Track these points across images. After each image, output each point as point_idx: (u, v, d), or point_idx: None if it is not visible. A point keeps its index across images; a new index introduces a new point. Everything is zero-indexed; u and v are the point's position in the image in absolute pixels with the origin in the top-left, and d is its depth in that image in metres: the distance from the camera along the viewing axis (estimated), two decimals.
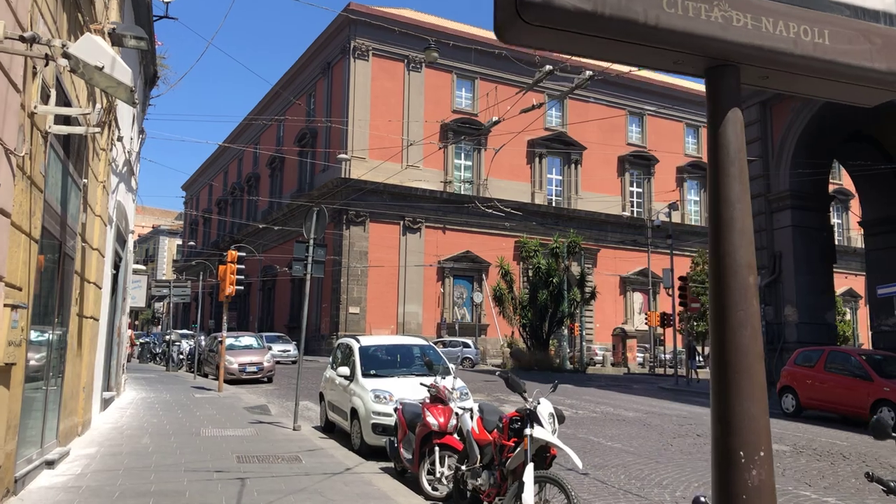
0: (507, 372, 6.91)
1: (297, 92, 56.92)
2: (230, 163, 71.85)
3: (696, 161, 57.56)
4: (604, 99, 55.19)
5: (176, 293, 24.31)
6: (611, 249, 52.99)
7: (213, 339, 23.77)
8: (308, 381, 23.22)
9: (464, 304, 50.14)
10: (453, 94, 50.68)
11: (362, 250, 47.17)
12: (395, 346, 11.95)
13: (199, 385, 20.09)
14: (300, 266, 12.25)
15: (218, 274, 18.21)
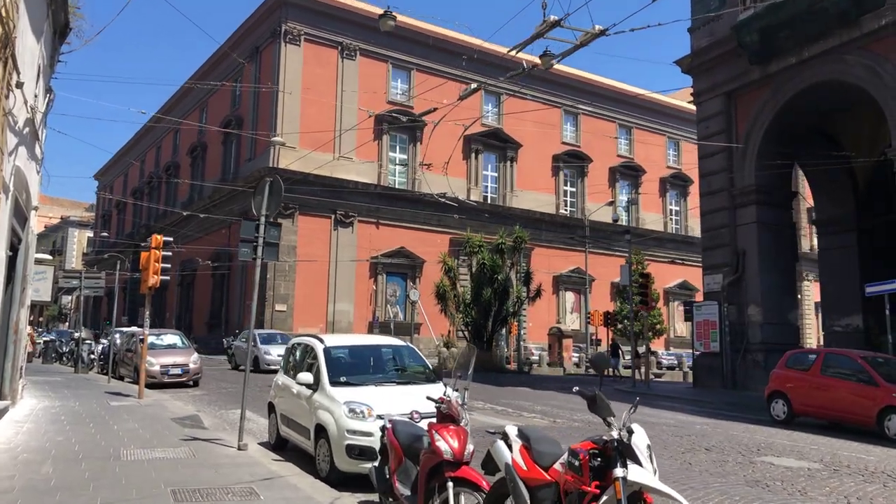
0: (592, 389, 5.00)
1: (223, 76, 53.53)
2: (147, 150, 67.39)
3: (628, 162, 57.22)
4: (540, 96, 54.05)
5: (88, 286, 21.33)
6: (544, 248, 51.92)
7: (131, 336, 20.97)
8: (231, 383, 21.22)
9: (397, 303, 48.07)
10: (388, 85, 48.50)
11: (290, 244, 44.40)
12: (367, 346, 9.82)
13: (115, 390, 17.34)
14: (248, 249, 9.98)
15: (139, 262, 15.60)
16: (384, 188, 47.42)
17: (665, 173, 58.72)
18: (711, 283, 21.72)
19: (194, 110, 57.93)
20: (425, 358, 9.32)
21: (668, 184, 58.94)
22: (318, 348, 9.16)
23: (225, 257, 47.26)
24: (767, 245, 20.86)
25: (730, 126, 21.72)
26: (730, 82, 21.75)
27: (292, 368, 9.98)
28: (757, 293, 20.58)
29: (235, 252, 46.81)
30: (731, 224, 21.43)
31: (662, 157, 59.06)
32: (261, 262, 10.15)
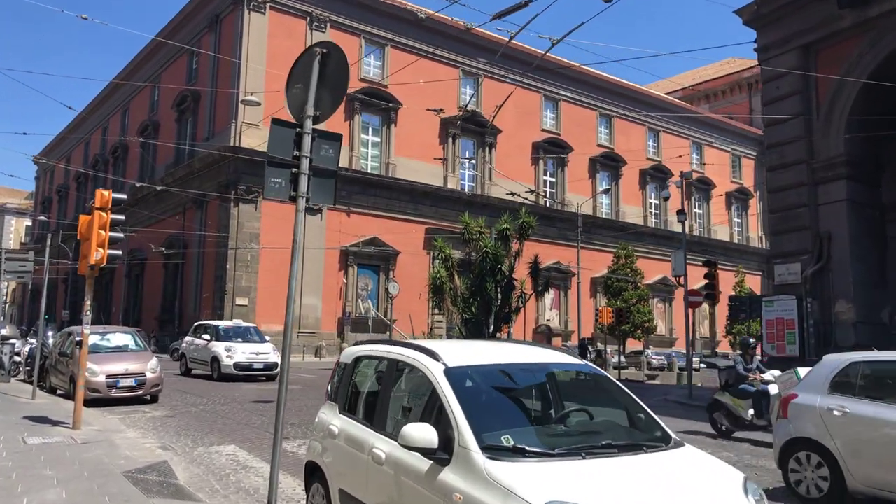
0: None
1: (178, 49, 47.67)
2: (93, 132, 60.66)
3: (608, 152, 53.46)
4: (520, 80, 49.77)
5: (11, 269, 16.03)
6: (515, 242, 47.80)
7: (67, 336, 15.75)
8: (199, 396, 15.57)
9: (369, 297, 43.21)
10: (360, 61, 43.45)
11: (253, 232, 39.18)
12: (528, 368, 4.85)
13: (40, 412, 12.17)
14: (281, 180, 5.28)
15: (78, 230, 10.56)
16: (356, 172, 42.47)
17: (645, 165, 55.19)
18: (785, 274, 17.63)
19: (145, 87, 51.80)
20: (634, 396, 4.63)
21: (648, 176, 55.41)
22: (432, 371, 4.46)
23: (179, 244, 41.61)
24: (858, 228, 16.90)
25: (808, 86, 17.70)
26: (808, 32, 17.72)
27: (366, 406, 5.29)
28: (847, 286, 16.59)
29: (191, 239, 41.30)
30: (812, 203, 17.38)
31: (643, 147, 55.50)
32: (305, 207, 5.45)
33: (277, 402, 5.58)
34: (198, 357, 22.76)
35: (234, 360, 21.22)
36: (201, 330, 23.74)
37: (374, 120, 44.54)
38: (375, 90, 43.79)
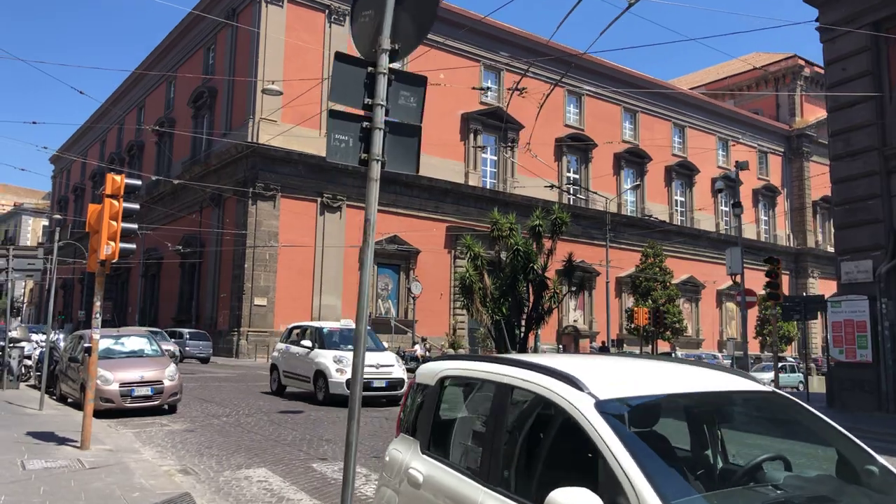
0: None
1: (194, 45, 46.59)
2: (109, 130, 59.74)
3: (633, 148, 51.83)
4: (542, 74, 48.34)
5: (19, 266, 14.76)
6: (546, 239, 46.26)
7: (78, 339, 14.45)
8: (220, 405, 14.09)
9: (389, 297, 41.87)
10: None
11: (272, 230, 37.91)
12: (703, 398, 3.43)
13: (46, 427, 10.84)
14: (349, 137, 3.92)
15: (87, 221, 9.24)
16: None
17: (671, 161, 53.49)
18: (854, 272, 16.07)
19: (161, 84, 50.75)
20: None
21: (673, 172, 53.72)
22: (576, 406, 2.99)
23: (196, 243, 40.43)
24: None
25: (879, 66, 16.15)
26: (880, 8, 16.17)
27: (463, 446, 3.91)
28: None
29: (208, 238, 40.07)
30: (885, 194, 15.81)
31: (668, 144, 53.82)
32: (379, 170, 4.09)
33: (347, 443, 4.15)
34: (295, 371, 16.61)
35: (348, 377, 14.19)
36: (299, 334, 17.57)
37: None
38: None
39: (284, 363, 17.32)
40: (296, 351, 16.75)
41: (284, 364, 17.28)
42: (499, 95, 46.86)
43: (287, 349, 17.45)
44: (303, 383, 16.20)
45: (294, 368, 16.70)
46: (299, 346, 16.61)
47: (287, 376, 17.10)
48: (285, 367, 17.20)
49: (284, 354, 17.49)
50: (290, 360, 16.96)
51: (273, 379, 17.91)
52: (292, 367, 16.82)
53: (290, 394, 17.43)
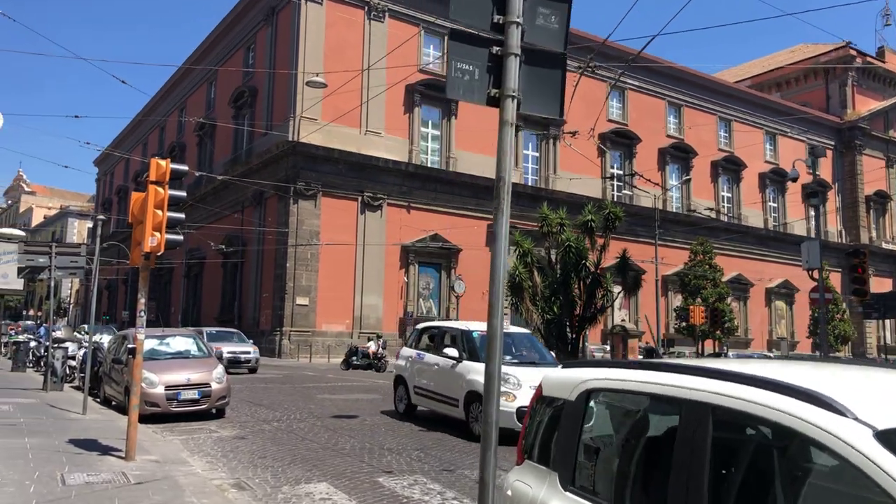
0: None
1: (234, 45, 46.26)
2: (150, 133, 59.96)
3: (677, 143, 50.19)
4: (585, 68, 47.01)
5: (61, 264, 14.12)
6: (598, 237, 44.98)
7: (122, 340, 13.73)
8: (269, 409, 12.92)
9: (430, 296, 40.91)
10: (420, 51, 41.22)
11: (313, 230, 37.23)
12: None
13: (88, 434, 10.04)
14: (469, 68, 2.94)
15: (130, 211, 8.43)
16: (416, 167, 40.30)
17: (717, 156, 51.69)
18: None
19: (201, 84, 50.59)
20: None
21: (719, 168, 51.90)
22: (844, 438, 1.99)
23: (238, 243, 40.00)
24: None
25: None
26: None
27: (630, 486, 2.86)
28: None
29: (249, 237, 39.61)
30: None
31: (714, 138, 52.03)
32: (514, 111, 3.09)
33: (482, 481, 3.17)
34: (435, 389, 12.34)
35: (519, 404, 10.10)
36: (437, 338, 13.29)
37: (433, 113, 42.29)
38: (435, 81, 41.48)
39: (417, 376, 13.11)
40: (435, 362, 12.49)
41: (417, 377, 13.09)
42: None
43: (419, 358, 13.23)
44: (447, 406, 11.86)
45: (433, 385, 12.45)
46: (440, 356, 12.31)
47: (421, 394, 12.87)
48: (419, 381, 12.99)
49: (416, 365, 13.23)
50: (427, 374, 12.81)
51: (399, 396, 13.66)
52: (430, 384, 12.58)
53: (348, 399, 16.51)
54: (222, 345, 24.33)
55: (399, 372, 13.87)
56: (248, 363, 24.96)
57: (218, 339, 25.28)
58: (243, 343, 26.51)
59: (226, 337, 26.67)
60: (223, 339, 26.09)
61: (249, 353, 25.28)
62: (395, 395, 13.91)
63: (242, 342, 26.60)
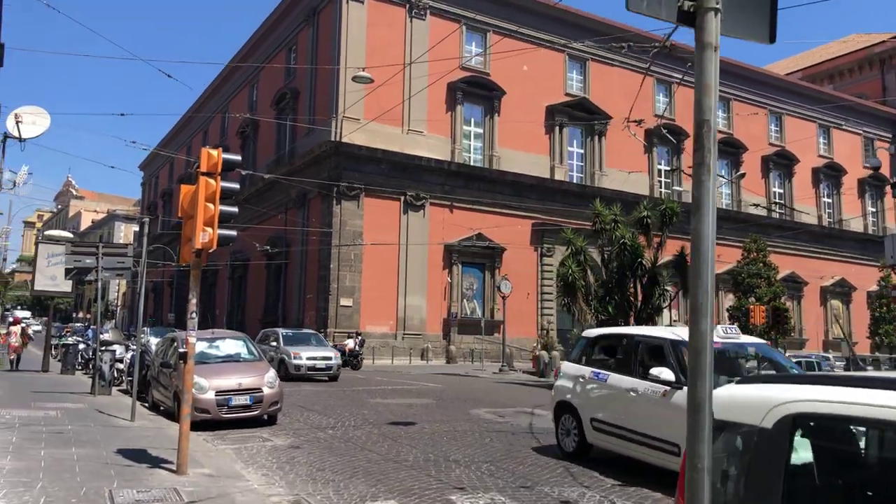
0: None
1: (275, 46, 46.10)
2: (194, 136, 60.34)
3: (726, 137, 48.51)
4: (630, 63, 45.75)
5: (108, 265, 13.70)
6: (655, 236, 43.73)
7: (170, 343, 13.21)
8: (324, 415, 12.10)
9: (474, 297, 40.05)
10: (462, 49, 40.43)
11: (356, 230, 36.70)
12: None
13: (136, 444, 9.44)
14: None
15: (179, 205, 7.80)
16: (459, 166, 39.53)
17: (767, 151, 49.87)
18: None
19: (243, 87, 50.61)
20: None
21: (770, 163, 50.08)
22: None
23: (281, 244, 39.72)
24: None
25: None
26: None
27: None
28: None
29: (293, 239, 39.31)
30: None
31: (764, 132, 50.23)
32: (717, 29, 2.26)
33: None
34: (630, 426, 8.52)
35: None
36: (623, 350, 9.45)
37: (476, 111, 41.46)
38: (477, 79, 40.73)
39: (598, 405, 9.16)
40: (629, 386, 8.61)
41: (598, 407, 9.13)
42: (584, 86, 44.60)
43: (598, 378, 9.23)
44: (655, 453, 8.04)
45: (627, 420, 8.55)
46: (638, 378, 8.52)
47: (606, 430, 8.88)
48: (601, 412, 9.03)
49: (594, 389, 9.31)
50: (616, 403, 8.88)
51: (565, 429, 9.60)
52: (621, 418, 8.66)
53: (402, 404, 15.76)
54: (300, 349, 21.97)
55: (563, 396, 9.75)
56: (328, 370, 21.79)
57: (295, 342, 22.88)
58: (323, 346, 23.52)
59: (303, 339, 23.80)
60: (300, 341, 23.36)
61: (331, 358, 22.15)
62: (559, 428, 9.72)
63: (322, 345, 23.65)
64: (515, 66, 41.29)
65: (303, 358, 21.33)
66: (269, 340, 23.89)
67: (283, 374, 20.76)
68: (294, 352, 21.46)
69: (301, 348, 22.01)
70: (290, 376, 20.72)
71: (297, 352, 21.46)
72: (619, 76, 45.03)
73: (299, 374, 20.98)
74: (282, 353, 21.94)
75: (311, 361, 21.40)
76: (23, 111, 16.98)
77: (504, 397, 17.11)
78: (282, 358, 21.66)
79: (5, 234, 34.76)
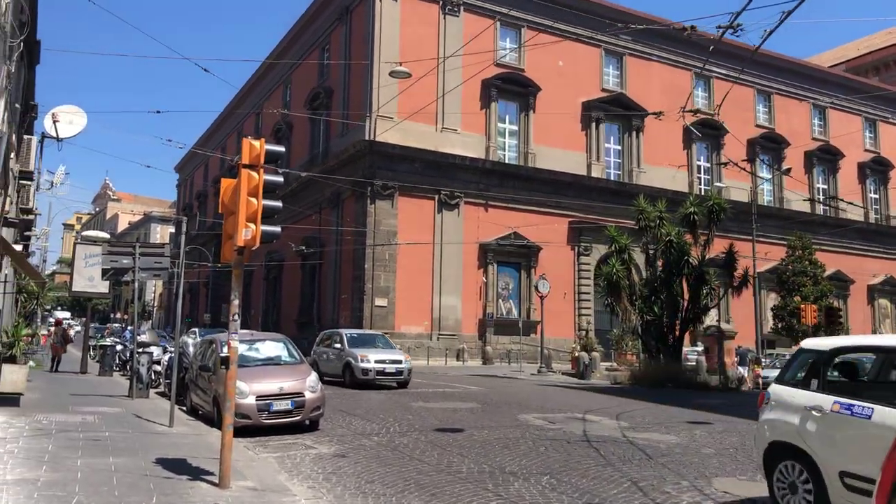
0: None
1: (308, 46, 45.89)
2: (227, 137, 60.54)
3: (768, 133, 47.16)
4: (667, 57, 44.71)
5: (145, 265, 13.35)
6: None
7: (209, 345, 12.79)
8: (366, 419, 11.12)
9: (510, 297, 39.33)
10: (496, 45, 39.71)
11: (390, 230, 36.25)
12: None
13: (177, 453, 8.96)
14: None
15: (220, 200, 7.30)
16: (494, 164, 38.88)
17: (811, 146, 48.33)
18: None
19: (277, 88, 50.53)
20: None
21: (814, 158, 48.54)
22: None
23: (316, 244, 39.44)
24: None
25: None
26: None
27: None
28: None
29: (327, 239, 38.97)
30: None
31: (807, 127, 48.71)
32: None
33: None
34: None
35: None
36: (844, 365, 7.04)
37: (511, 107, 40.76)
38: (512, 75, 40.05)
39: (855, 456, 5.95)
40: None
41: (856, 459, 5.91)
42: (621, 81, 43.63)
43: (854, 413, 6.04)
44: None
45: None
46: None
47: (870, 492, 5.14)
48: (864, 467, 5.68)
49: (849, 429, 6.09)
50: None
51: (787, 484, 6.59)
52: None
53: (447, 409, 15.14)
54: (367, 351, 19.79)
55: (785, 436, 6.68)
56: (398, 375, 19.42)
57: (360, 345, 20.74)
58: (390, 349, 21.08)
59: (368, 341, 21.58)
60: (366, 343, 21.24)
61: (401, 362, 19.61)
62: (774, 481, 6.70)
63: (389, 347, 21.34)
64: (550, 61, 40.53)
65: (371, 361, 19.17)
66: (331, 342, 22.04)
67: (348, 380, 19.45)
68: (361, 354, 19.43)
69: (368, 350, 19.90)
70: (357, 382, 19.10)
71: (364, 354, 19.42)
72: (658, 71, 44.03)
73: (367, 378, 18.96)
74: (347, 355, 20.11)
75: (379, 365, 19.18)
76: (60, 110, 16.77)
77: (550, 401, 16.40)
78: (347, 361, 19.92)
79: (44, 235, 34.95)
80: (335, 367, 20.55)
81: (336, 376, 20.25)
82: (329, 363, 21.14)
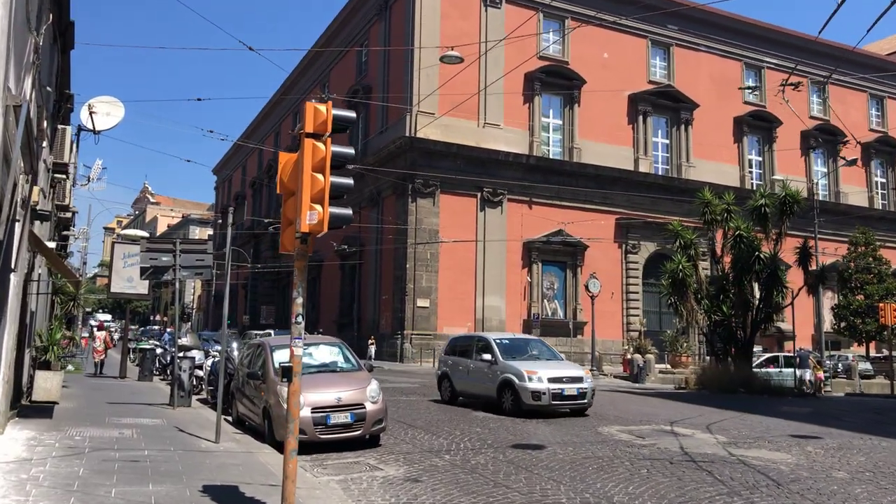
0: None
1: (347, 43, 44.82)
2: (265, 138, 59.86)
3: (822, 124, 44.82)
4: (716, 48, 42.72)
5: (187, 263, 12.19)
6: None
7: (257, 349, 11.55)
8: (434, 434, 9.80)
9: (555, 297, 37.73)
10: (539, 37, 38.16)
11: (432, 228, 34.96)
12: None
13: (226, 477, 7.67)
14: None
15: (277, 180, 5.97)
16: (538, 159, 37.37)
17: (868, 137, 45.84)
18: None
19: (314, 86, 49.61)
20: None
21: (872, 150, 46.05)
22: None
23: (355, 244, 38.29)
24: None
25: None
26: None
27: None
28: None
29: (367, 239, 37.78)
30: None
31: (864, 118, 46.25)
32: None
33: None
34: None
35: None
36: None
37: (555, 101, 39.20)
38: (556, 68, 38.49)
39: None
40: None
41: None
42: (669, 73, 41.76)
43: None
44: None
45: None
46: None
47: None
48: None
49: None
50: None
51: None
52: None
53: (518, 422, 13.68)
54: (534, 365, 13.92)
55: None
56: (581, 399, 13.57)
57: (514, 353, 14.69)
58: (559, 361, 15.00)
59: (521, 348, 15.32)
60: (519, 351, 15.07)
61: (582, 381, 13.71)
62: None
63: (554, 358, 15.16)
64: (595, 53, 38.92)
65: (543, 381, 13.27)
66: (473, 353, 15.35)
67: (508, 406, 13.51)
68: (528, 370, 13.47)
69: (534, 364, 14.06)
70: (525, 409, 13.24)
71: (531, 370, 13.51)
72: (707, 61, 42.07)
73: (539, 404, 13.14)
74: (503, 370, 13.94)
75: (555, 386, 13.32)
76: (97, 101, 15.75)
77: (624, 410, 14.86)
78: (506, 379, 13.74)
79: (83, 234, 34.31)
80: (483, 387, 14.55)
81: (481, 397, 14.75)
82: (469, 380, 15.24)
